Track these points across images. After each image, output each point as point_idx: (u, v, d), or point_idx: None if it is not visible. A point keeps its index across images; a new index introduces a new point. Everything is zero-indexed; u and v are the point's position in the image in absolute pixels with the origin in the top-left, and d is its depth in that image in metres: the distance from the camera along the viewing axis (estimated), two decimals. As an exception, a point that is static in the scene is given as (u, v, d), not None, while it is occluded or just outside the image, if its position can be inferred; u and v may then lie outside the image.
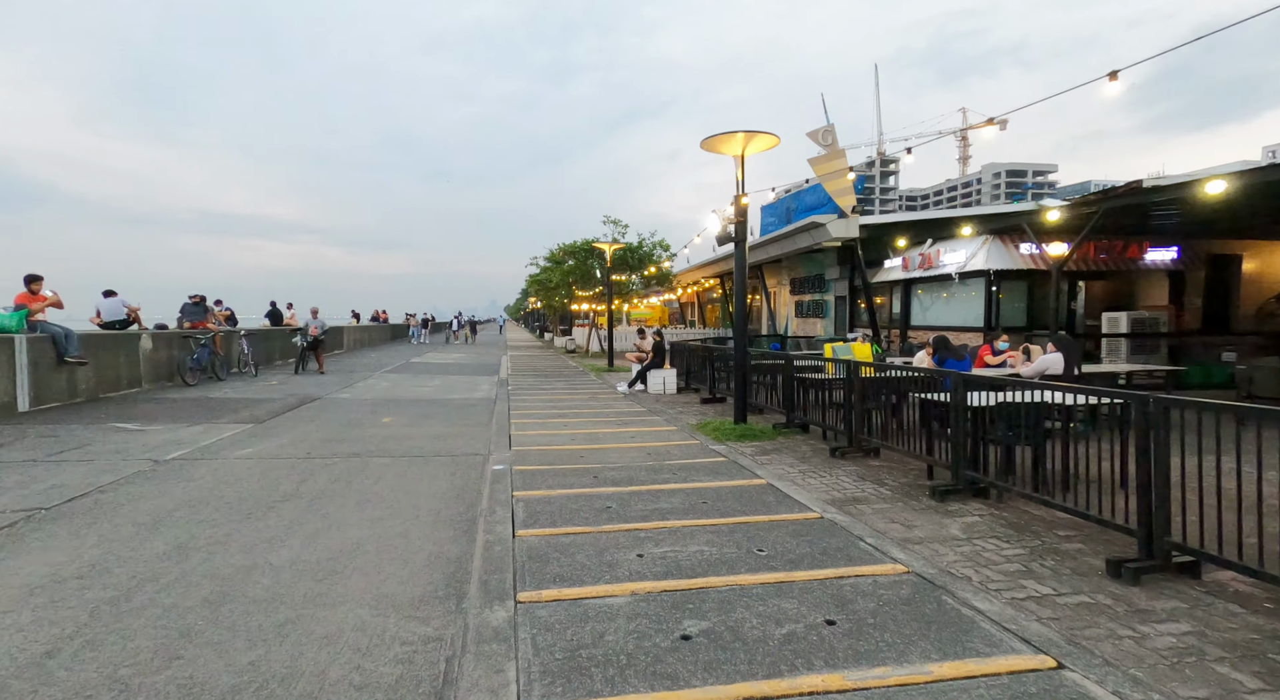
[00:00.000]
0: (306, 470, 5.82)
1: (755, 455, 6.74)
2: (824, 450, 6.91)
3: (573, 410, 10.11)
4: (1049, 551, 3.88)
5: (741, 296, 8.13)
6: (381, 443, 7.18)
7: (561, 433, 8.05)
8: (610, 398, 11.80)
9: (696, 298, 37.81)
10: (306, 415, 9.07)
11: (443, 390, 12.56)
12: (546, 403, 11.01)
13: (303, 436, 7.46)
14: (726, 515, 4.58)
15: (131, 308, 11.68)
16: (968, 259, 12.35)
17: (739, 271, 8.09)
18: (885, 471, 5.97)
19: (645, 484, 5.47)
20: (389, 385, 13.25)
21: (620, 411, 10.01)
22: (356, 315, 32.23)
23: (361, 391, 12.06)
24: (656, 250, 24.51)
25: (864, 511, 4.72)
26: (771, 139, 7.75)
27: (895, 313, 16.32)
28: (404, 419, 8.93)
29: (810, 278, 20.82)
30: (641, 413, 9.87)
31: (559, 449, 7.04)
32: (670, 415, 9.61)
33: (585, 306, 34.74)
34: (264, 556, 3.72)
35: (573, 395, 12.17)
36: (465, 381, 14.42)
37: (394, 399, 11.10)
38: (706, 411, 10.05)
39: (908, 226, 14.33)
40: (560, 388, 13.48)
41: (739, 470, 6.00)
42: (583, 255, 24.40)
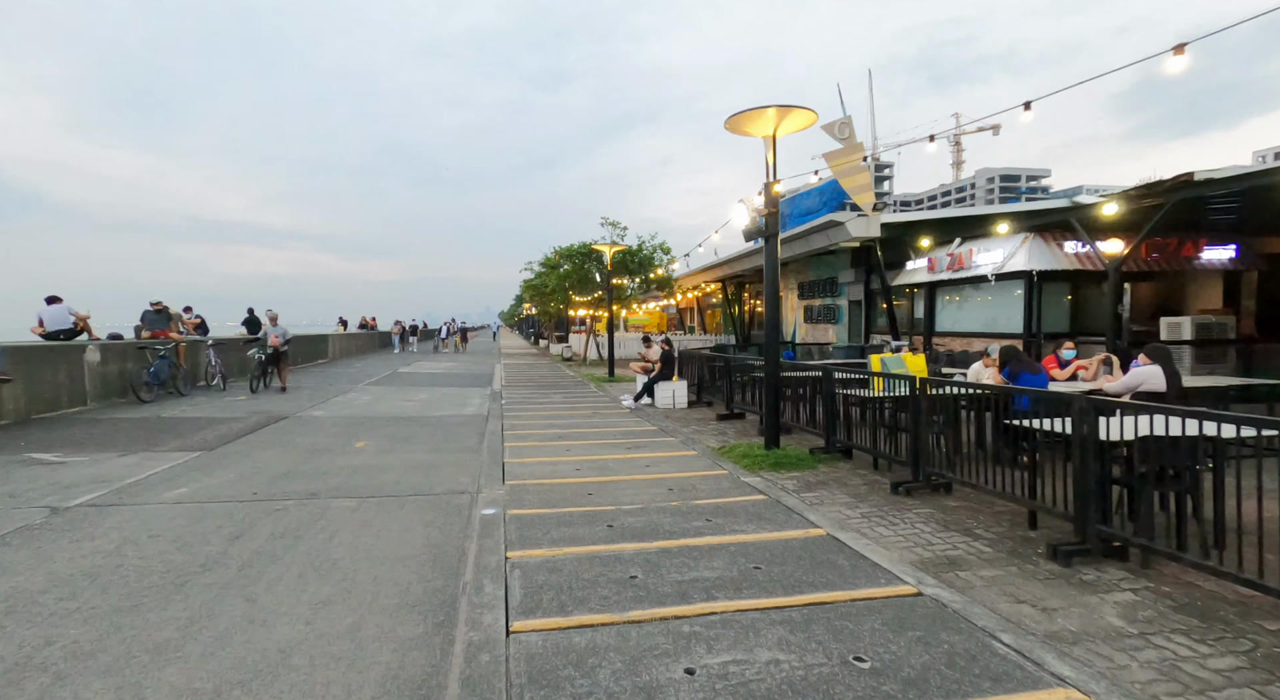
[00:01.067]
0: (246, 520, 4.62)
1: (799, 491, 5.59)
2: (880, 484, 5.76)
3: (574, 429, 8.94)
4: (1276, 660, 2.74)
5: (774, 299, 7.01)
6: (348, 477, 5.99)
7: (563, 460, 6.88)
8: (615, 413, 10.63)
9: (696, 303, 36.73)
10: (268, 439, 7.86)
11: (429, 405, 11.37)
12: (544, 420, 9.84)
13: (256, 468, 6.26)
14: (793, 590, 3.42)
15: (79, 315, 10.44)
16: (1005, 259, 11.28)
17: (770, 269, 6.97)
18: (968, 516, 4.83)
19: (675, 536, 4.31)
20: (370, 400, 12.04)
21: (628, 431, 8.85)
22: (344, 322, 30.93)
23: (338, 408, 10.85)
24: (657, 253, 23.42)
25: (972, 583, 3.57)
26: (807, 115, 6.65)
27: (918, 318, 15.23)
28: (381, 442, 7.74)
29: (821, 281, 19.76)
30: (652, 432, 8.71)
31: (562, 483, 5.87)
32: (686, 436, 8.45)
33: (582, 312, 33.61)
34: (135, 681, 2.54)
35: (573, 410, 11.00)
36: (455, 394, 13.22)
37: (373, 417, 9.89)
38: (726, 431, 8.90)
39: (934, 225, 13.27)
40: (559, 401, 12.32)
41: (786, 514, 4.84)
42: (580, 258, 23.27)
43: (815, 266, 20.25)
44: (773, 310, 7.00)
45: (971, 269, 12.19)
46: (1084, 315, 11.39)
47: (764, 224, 6.84)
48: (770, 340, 6.99)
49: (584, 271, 23.68)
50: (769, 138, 6.89)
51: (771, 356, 6.96)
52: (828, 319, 19.46)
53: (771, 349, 6.96)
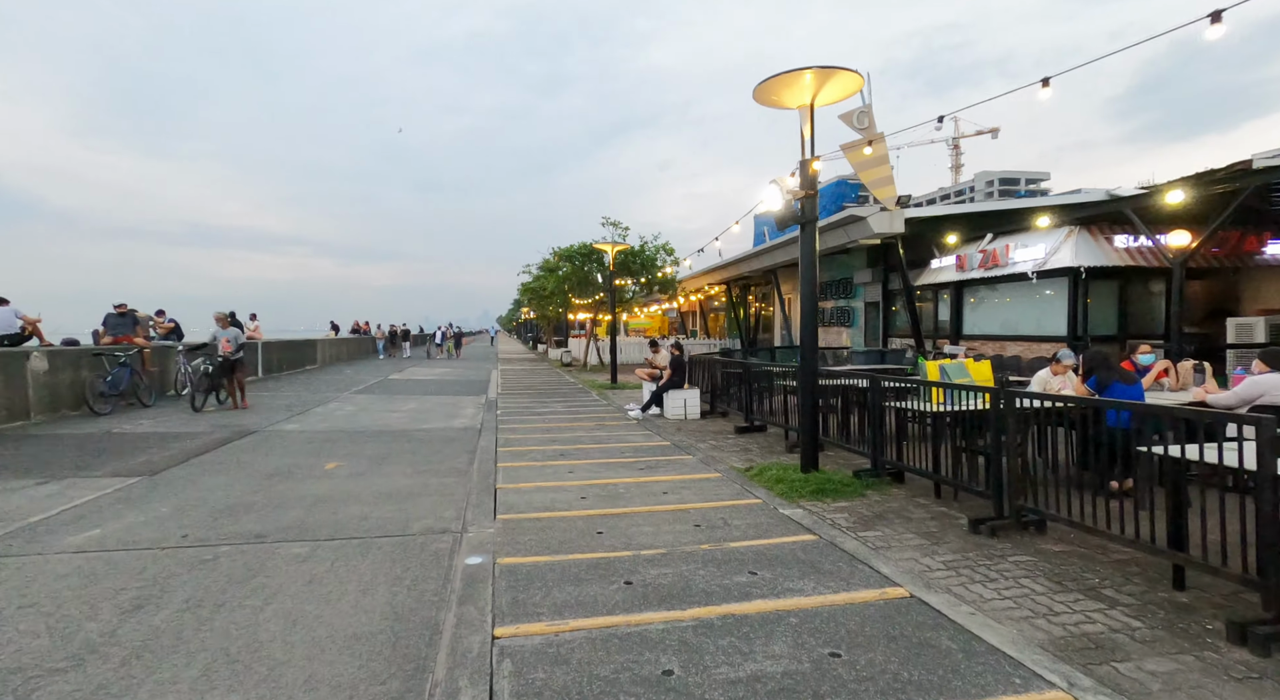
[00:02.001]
0: (160, 578, 3.61)
1: (855, 527, 4.58)
2: (952, 519, 4.76)
3: (577, 445, 7.93)
4: None
5: (812, 297, 6.02)
6: (308, 510, 4.97)
7: (566, 484, 5.87)
8: (621, 425, 9.62)
9: (699, 306, 35.76)
10: (225, 460, 6.84)
11: (417, 417, 10.34)
12: (543, 434, 8.82)
13: (199, 499, 5.24)
14: (891, 697, 2.42)
15: (28, 319, 9.43)
16: (1048, 255, 10.32)
17: (807, 261, 5.98)
18: (1083, 567, 3.82)
19: (715, 599, 3.31)
20: (352, 411, 11.01)
21: (638, 446, 7.84)
22: (335, 327, 29.93)
23: (315, 420, 9.82)
24: (660, 254, 22.47)
25: (1146, 687, 2.56)
26: (850, 80, 5.69)
27: (943, 320, 14.26)
28: (356, 463, 6.72)
29: (835, 282, 18.80)
30: (666, 449, 7.70)
31: (565, 516, 4.86)
32: (704, 453, 7.44)
33: (582, 316, 32.62)
34: None
35: (575, 422, 9.99)
36: (446, 404, 12.20)
37: (352, 431, 8.87)
38: (749, 447, 7.90)
39: (964, 220, 12.31)
40: (559, 411, 11.30)
41: (849, 564, 3.84)
42: (580, 260, 22.30)
43: (828, 267, 19.29)
44: (810, 309, 6.01)
45: (1008, 266, 11.22)
46: (1133, 315, 10.42)
47: (800, 209, 5.86)
48: (808, 345, 6.00)
49: (584, 273, 22.71)
50: (805, 107, 5.92)
51: (809, 365, 5.95)
52: (841, 321, 18.48)
53: (809, 355, 5.96)
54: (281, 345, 19.16)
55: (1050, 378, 6.29)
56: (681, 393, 10.35)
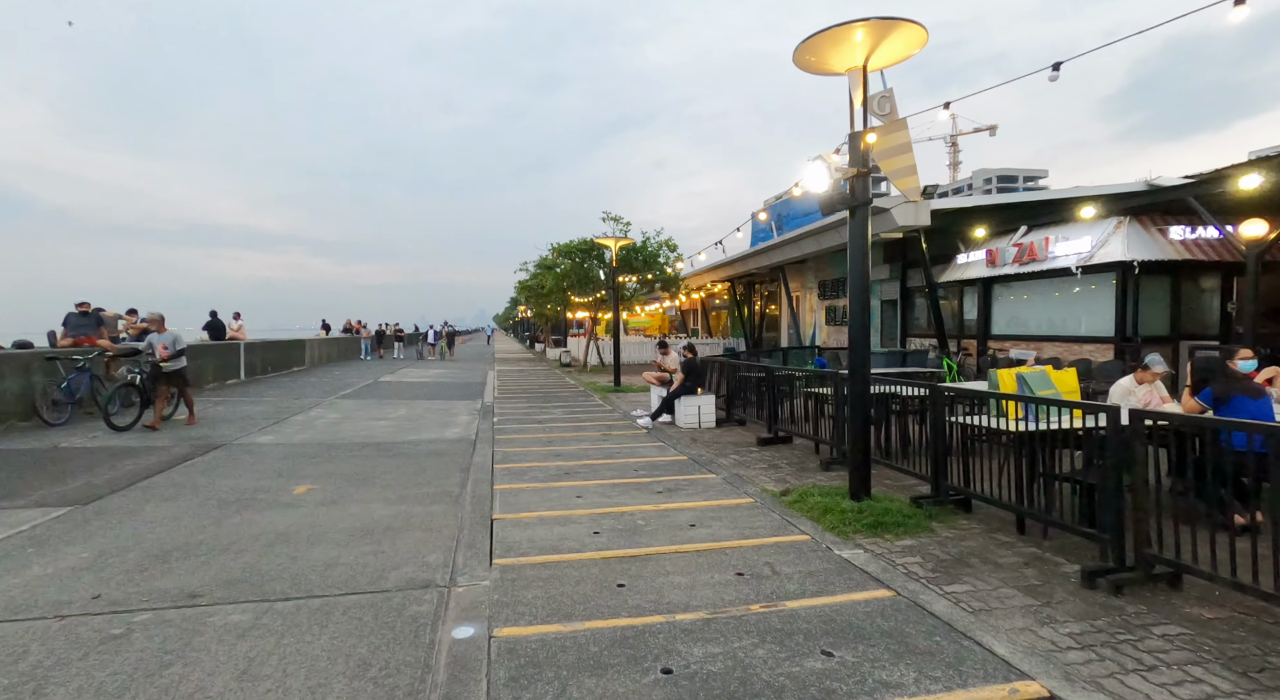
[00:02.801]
0: (36, 671, 2.71)
1: (937, 579, 3.71)
2: (1051, 565, 3.89)
3: (583, 460, 7.05)
4: None
5: (862, 292, 5.15)
6: (261, 554, 4.08)
7: (575, 514, 4.99)
8: (630, 435, 8.75)
9: (701, 304, 34.90)
10: (178, 482, 5.93)
11: (406, 426, 9.45)
12: (545, 446, 7.94)
13: (130, 539, 4.34)
14: None
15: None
16: (1094, 248, 9.46)
17: (858, 249, 5.11)
18: (1255, 641, 2.96)
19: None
20: (336, 419, 10.11)
21: (652, 462, 6.96)
22: (326, 326, 28.93)
23: (293, 430, 8.91)
24: (663, 251, 21.59)
25: None
26: (914, 33, 4.82)
27: (968, 319, 13.40)
28: (330, 486, 5.83)
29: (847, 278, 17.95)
30: (684, 465, 6.82)
31: (576, 560, 3.99)
32: (728, 470, 6.57)
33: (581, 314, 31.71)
34: None
35: (579, 431, 9.10)
36: (439, 410, 11.31)
37: (333, 443, 7.97)
38: (776, 462, 7.02)
39: (997, 211, 11.46)
40: (560, 418, 10.41)
41: (950, 639, 2.97)
42: (580, 256, 21.41)
43: (840, 263, 18.42)
44: (860, 307, 5.14)
45: (1047, 261, 10.37)
46: (1188, 314, 9.59)
47: (850, 190, 4.99)
48: (857, 346, 5.12)
49: (584, 270, 21.83)
50: (856, 70, 5.04)
51: (861, 373, 5.08)
52: (855, 321, 17.61)
53: (861, 362, 5.09)
54: (266, 346, 18.22)
55: (1134, 387, 5.44)
56: (695, 399, 9.48)
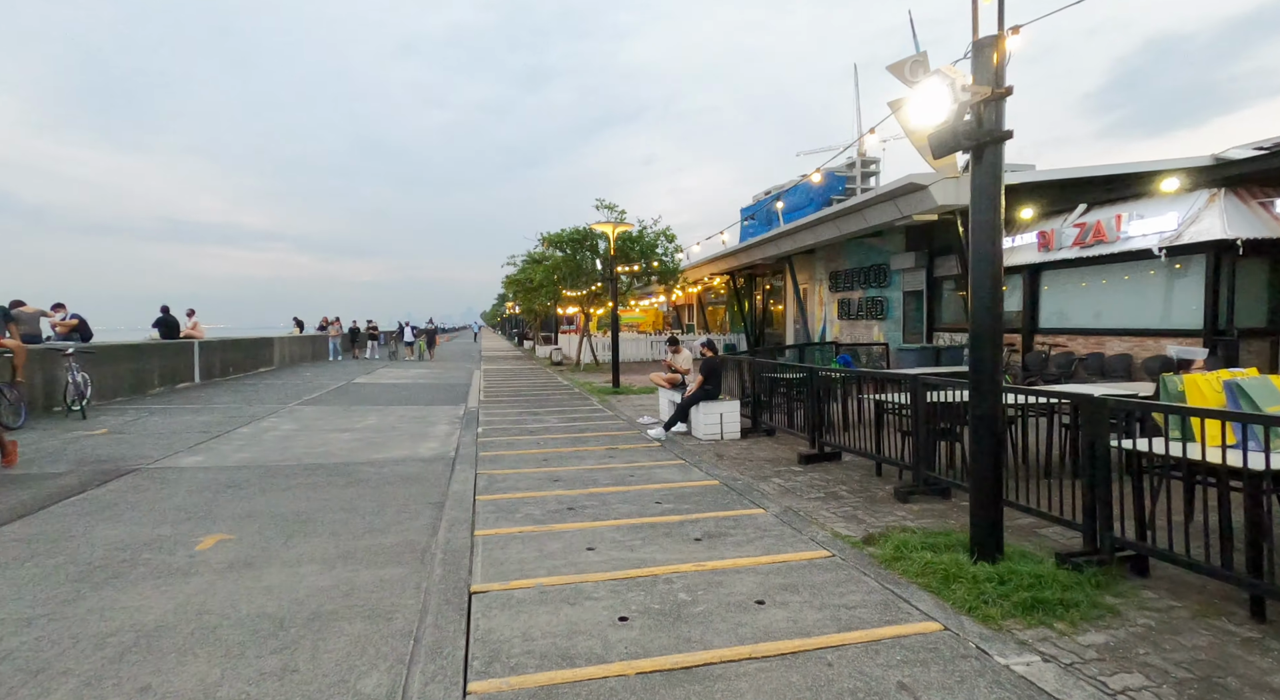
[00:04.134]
0: None
1: (1190, 719, 2.29)
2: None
3: (590, 488, 5.57)
4: None
5: (992, 260, 3.70)
6: (84, 686, 2.57)
7: (590, 582, 3.51)
8: (640, 450, 7.28)
9: (697, 299, 33.48)
10: (36, 533, 4.38)
11: (373, 439, 7.92)
12: (540, 466, 6.45)
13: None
14: None
15: None
16: (1182, 226, 8.12)
17: (986, 199, 3.65)
18: None
19: None
20: (291, 430, 8.54)
21: (679, 490, 5.49)
22: (299, 324, 27.06)
23: (231, 448, 7.35)
24: (661, 241, 20.13)
25: None
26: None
27: (1009, 311, 12.05)
28: (254, 532, 4.32)
29: (864, 270, 16.56)
30: (718, 494, 5.37)
31: (599, 680, 2.52)
32: (777, 501, 5.12)
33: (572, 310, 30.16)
34: None
35: (579, 445, 7.62)
36: (414, 418, 9.77)
37: (276, 466, 6.43)
38: (834, 488, 5.58)
39: (1054, 188, 10.10)
40: (556, 427, 8.92)
41: None
42: (572, 246, 19.87)
43: (855, 252, 17.06)
44: (989, 284, 3.69)
45: (1119, 242, 9.00)
46: (1287, 303, 8.26)
47: (977, 119, 3.54)
48: (984, 342, 3.68)
49: (576, 262, 20.30)
50: (984, -48, 3.59)
51: (986, 376, 3.64)
52: (873, 314, 16.25)
53: (986, 357, 3.64)
54: (227, 345, 16.53)
55: None
56: (716, 405, 8.02)
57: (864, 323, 16.78)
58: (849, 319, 17.55)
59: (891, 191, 11.05)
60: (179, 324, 15.14)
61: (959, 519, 4.56)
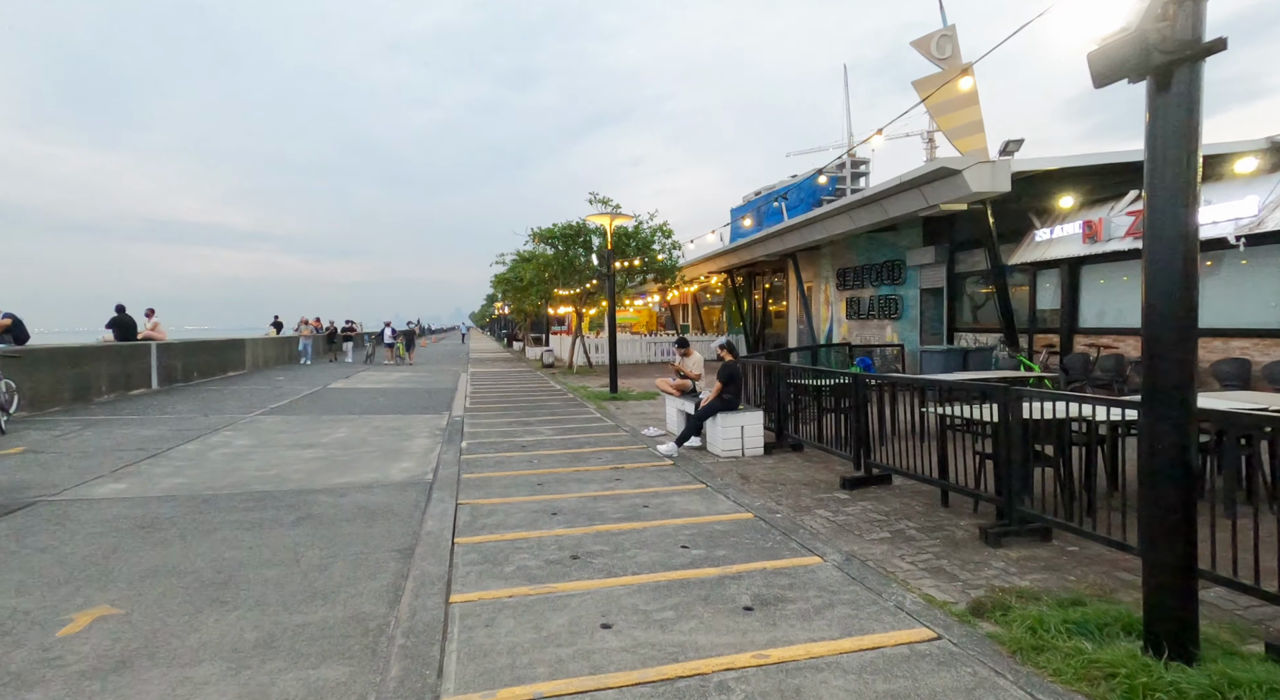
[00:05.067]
0: None
1: None
2: None
3: (597, 525, 4.49)
4: None
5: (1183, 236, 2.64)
6: None
7: (608, 686, 2.43)
8: (652, 470, 6.20)
9: (693, 299, 32.48)
10: None
11: (338, 458, 6.79)
12: (535, 494, 5.35)
13: None
14: None
15: None
16: (1263, 211, 7.18)
17: (1170, 153, 2.59)
18: None
19: None
20: (245, 447, 7.39)
21: (708, 528, 4.42)
22: (278, 325, 25.73)
23: (167, 470, 6.19)
24: (658, 237, 19.09)
25: None
26: None
27: (1043, 309, 11.11)
28: (146, 604, 3.21)
29: (875, 266, 15.60)
30: (758, 533, 4.30)
31: None
32: (834, 545, 4.06)
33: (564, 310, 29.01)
34: None
35: (580, 464, 6.53)
36: (391, 430, 8.64)
37: (212, 497, 5.29)
38: (897, 523, 4.53)
39: (1101, 174, 9.16)
40: (551, 440, 7.82)
41: None
42: (565, 242, 18.77)
43: (866, 247, 16.11)
44: (1179, 253, 2.64)
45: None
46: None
47: (1169, 20, 2.49)
48: (1168, 335, 2.63)
49: (569, 258, 19.20)
50: None
51: (1173, 386, 2.60)
52: (887, 314, 15.29)
53: (1171, 359, 2.60)
54: (192, 347, 15.27)
55: None
56: (736, 417, 6.97)
57: (875, 322, 15.82)
58: (859, 319, 16.59)
59: (918, 178, 10.06)
60: (135, 324, 13.88)
61: (1079, 574, 3.54)
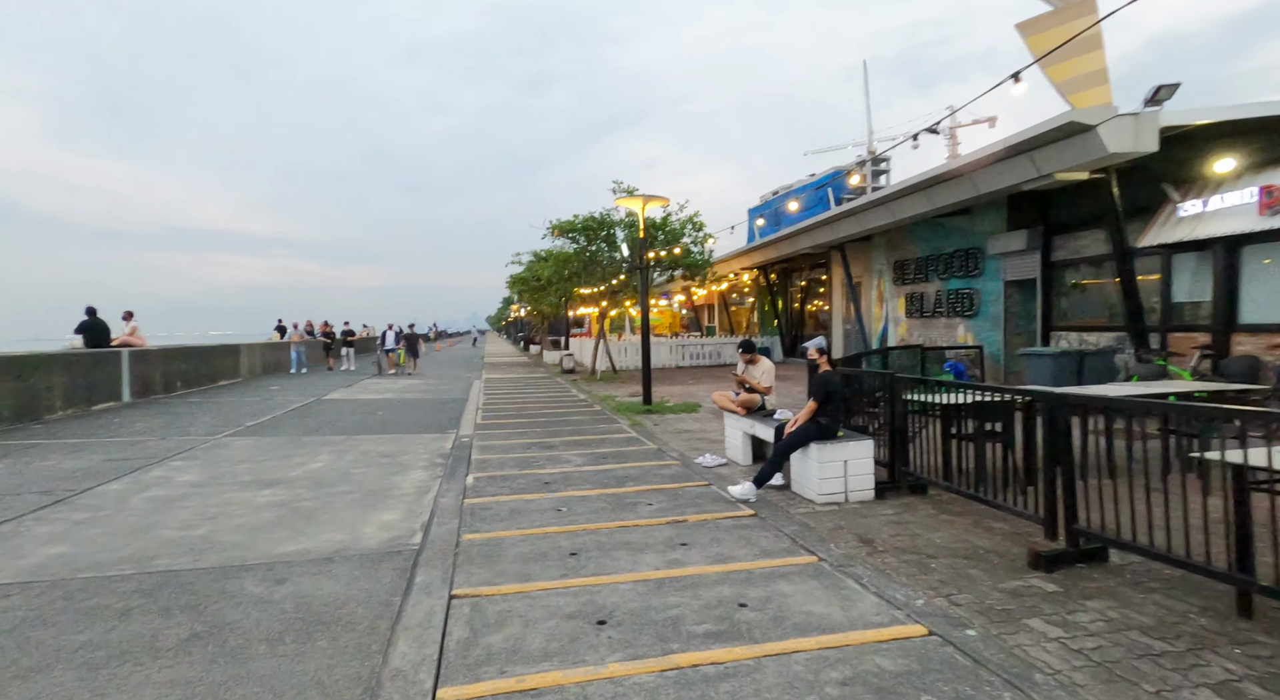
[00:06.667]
0: None
1: None
2: None
3: (672, 649, 2.65)
4: None
5: None
6: None
7: None
8: (725, 524, 4.35)
9: (720, 298, 30.54)
10: None
11: (299, 505, 5.03)
12: (567, 573, 3.52)
13: None
14: None
15: None
16: None
17: None
18: None
19: None
20: (186, 485, 5.68)
21: (864, 663, 2.55)
22: (281, 330, 24.14)
23: (54, 527, 4.48)
24: (688, 229, 17.23)
25: None
26: None
27: (1178, 302, 9.07)
28: None
29: (943, 257, 13.60)
30: (962, 679, 2.43)
31: None
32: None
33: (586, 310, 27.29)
34: None
35: (624, 513, 4.69)
36: (381, 457, 6.89)
37: (88, 583, 3.55)
38: (1195, 655, 2.64)
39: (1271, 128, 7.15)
40: (583, 474, 5.99)
41: None
42: (587, 235, 16.98)
43: (928, 235, 14.11)
44: None
45: None
46: None
47: None
48: None
49: (591, 254, 17.41)
50: None
51: None
52: (957, 311, 13.28)
53: None
54: (174, 355, 13.71)
55: None
56: (836, 448, 5.08)
57: (943, 321, 13.81)
58: (921, 316, 14.58)
59: (1032, 139, 8.09)
60: (108, 329, 12.35)
61: None
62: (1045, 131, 7.78)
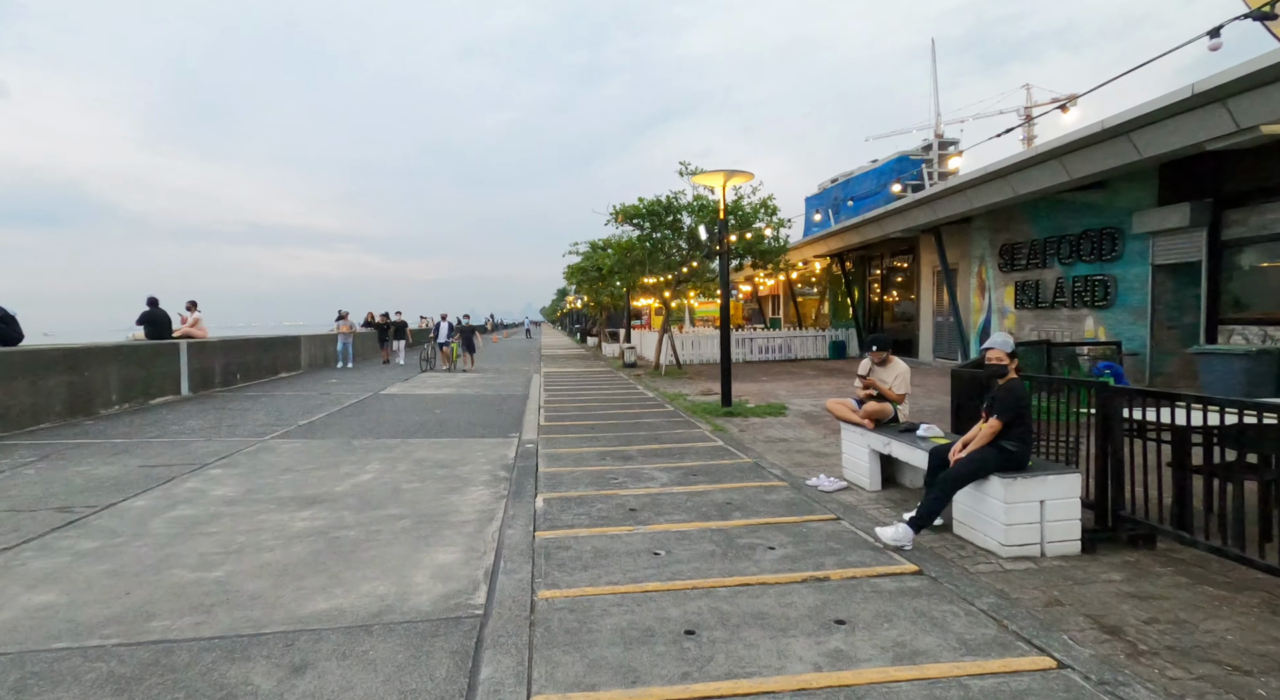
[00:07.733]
0: None
1: None
2: None
3: None
4: None
5: None
6: None
7: None
8: (885, 591, 3.14)
9: (785, 288, 28.84)
10: None
11: (340, 535, 4.13)
12: (685, 661, 2.42)
13: None
14: None
15: None
16: None
17: None
18: None
19: None
20: (217, 504, 4.90)
21: None
22: (343, 315, 23.75)
23: (57, 562, 3.72)
24: (760, 214, 15.86)
25: None
26: None
27: None
28: None
29: (1066, 238, 11.77)
30: None
31: None
32: None
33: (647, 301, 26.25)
34: None
35: (737, 557, 3.56)
36: (438, 467, 5.99)
37: (58, 657, 2.69)
38: None
39: None
40: (669, 493, 4.88)
41: None
42: (653, 221, 15.84)
43: (1046, 213, 12.28)
44: None
45: None
46: None
47: None
48: None
49: (655, 241, 16.28)
50: None
51: None
52: (1085, 301, 11.46)
53: None
54: (233, 346, 13.43)
55: None
56: (1028, 483, 3.77)
57: (1066, 313, 11.99)
58: (1036, 307, 12.77)
59: (1229, 83, 6.40)
60: (170, 320, 12.09)
61: None
62: (1257, 70, 6.09)
